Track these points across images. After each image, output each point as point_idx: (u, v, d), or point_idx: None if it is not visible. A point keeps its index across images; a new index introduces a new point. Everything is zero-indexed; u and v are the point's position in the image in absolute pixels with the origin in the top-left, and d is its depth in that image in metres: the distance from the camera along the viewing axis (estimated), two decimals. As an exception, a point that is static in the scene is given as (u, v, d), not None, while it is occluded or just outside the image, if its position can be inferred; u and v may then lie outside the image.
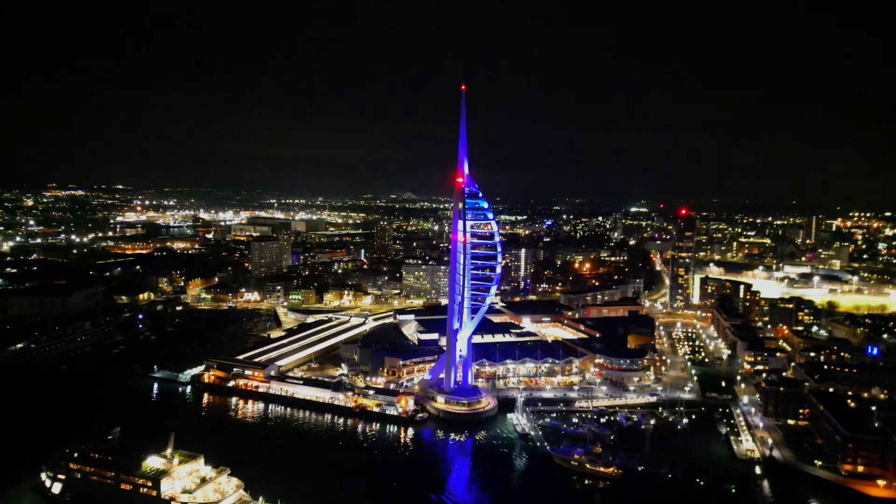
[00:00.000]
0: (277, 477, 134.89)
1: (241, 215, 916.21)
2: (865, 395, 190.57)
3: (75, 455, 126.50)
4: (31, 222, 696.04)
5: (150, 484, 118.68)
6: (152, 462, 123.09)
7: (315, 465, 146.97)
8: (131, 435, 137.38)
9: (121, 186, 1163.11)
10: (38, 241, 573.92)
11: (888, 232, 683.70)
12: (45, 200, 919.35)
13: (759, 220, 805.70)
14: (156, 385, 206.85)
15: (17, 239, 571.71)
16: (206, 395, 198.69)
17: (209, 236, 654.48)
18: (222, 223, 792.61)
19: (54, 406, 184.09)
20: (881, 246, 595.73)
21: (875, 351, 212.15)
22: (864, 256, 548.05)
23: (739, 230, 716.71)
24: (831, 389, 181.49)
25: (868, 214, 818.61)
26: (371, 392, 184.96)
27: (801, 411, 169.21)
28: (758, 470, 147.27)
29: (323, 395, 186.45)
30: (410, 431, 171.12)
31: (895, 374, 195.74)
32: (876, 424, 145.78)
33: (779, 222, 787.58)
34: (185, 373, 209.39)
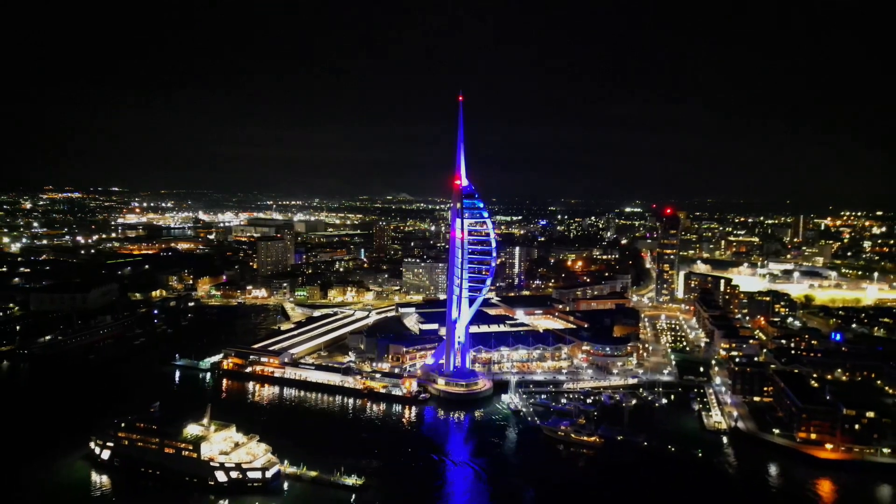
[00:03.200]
0: (297, 445, 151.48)
1: (240, 216, 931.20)
2: (829, 376, 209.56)
3: (122, 425, 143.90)
4: (35, 224, 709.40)
5: (191, 447, 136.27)
6: (191, 430, 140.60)
7: (330, 437, 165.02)
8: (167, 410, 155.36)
9: (116, 189, 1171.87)
10: (44, 242, 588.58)
11: (875, 230, 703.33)
12: (42, 203, 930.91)
13: (750, 220, 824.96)
14: (178, 372, 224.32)
15: (24, 240, 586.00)
16: (225, 381, 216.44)
17: (211, 237, 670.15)
18: (221, 224, 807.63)
19: (88, 389, 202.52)
20: (866, 244, 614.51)
21: (838, 337, 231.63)
22: (849, 254, 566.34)
23: (730, 229, 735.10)
24: (796, 371, 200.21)
25: (858, 213, 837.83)
26: (378, 375, 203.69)
27: (765, 389, 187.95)
28: (724, 439, 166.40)
29: (334, 379, 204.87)
30: (414, 410, 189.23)
31: (856, 358, 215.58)
32: (828, 398, 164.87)
33: (770, 221, 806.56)
34: (204, 360, 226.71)
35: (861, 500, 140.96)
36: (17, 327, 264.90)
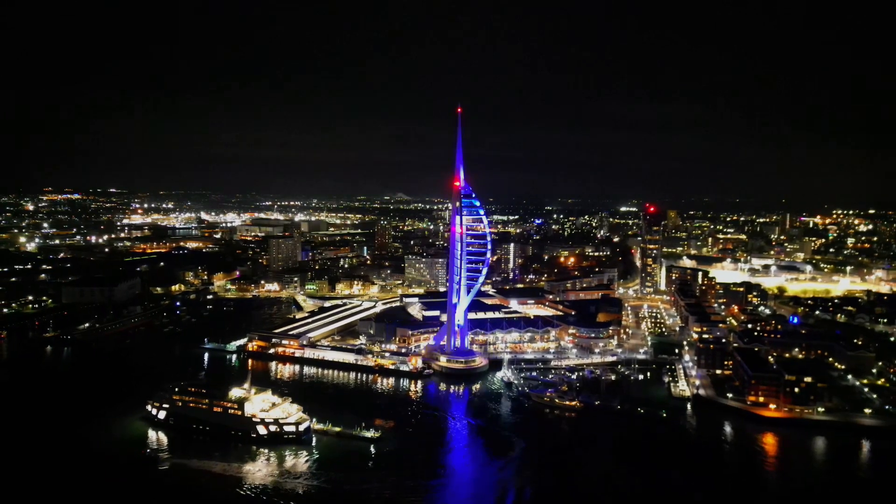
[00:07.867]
0: (322, 408, 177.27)
1: (243, 217, 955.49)
2: (787, 354, 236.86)
3: (176, 389, 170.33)
4: (45, 225, 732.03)
5: (236, 406, 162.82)
6: (235, 392, 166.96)
7: (348, 403, 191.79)
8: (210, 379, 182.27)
9: (115, 190, 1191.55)
10: (57, 242, 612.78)
11: (861, 228, 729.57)
12: (43, 205, 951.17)
13: (742, 218, 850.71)
14: (206, 354, 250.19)
15: (37, 240, 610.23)
16: (250, 361, 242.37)
17: (217, 237, 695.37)
18: (223, 224, 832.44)
19: (130, 368, 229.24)
20: (850, 240, 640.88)
21: (795, 320, 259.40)
22: (831, 250, 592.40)
23: (721, 227, 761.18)
24: (756, 349, 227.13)
25: (850, 212, 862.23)
26: (387, 354, 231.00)
27: (725, 363, 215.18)
28: (688, 404, 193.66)
29: (348, 358, 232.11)
30: (419, 383, 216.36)
31: (811, 338, 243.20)
32: (774, 367, 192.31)
33: (761, 220, 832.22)
34: (231, 344, 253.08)
35: (798, 450, 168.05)
36: (51, 319, 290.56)
